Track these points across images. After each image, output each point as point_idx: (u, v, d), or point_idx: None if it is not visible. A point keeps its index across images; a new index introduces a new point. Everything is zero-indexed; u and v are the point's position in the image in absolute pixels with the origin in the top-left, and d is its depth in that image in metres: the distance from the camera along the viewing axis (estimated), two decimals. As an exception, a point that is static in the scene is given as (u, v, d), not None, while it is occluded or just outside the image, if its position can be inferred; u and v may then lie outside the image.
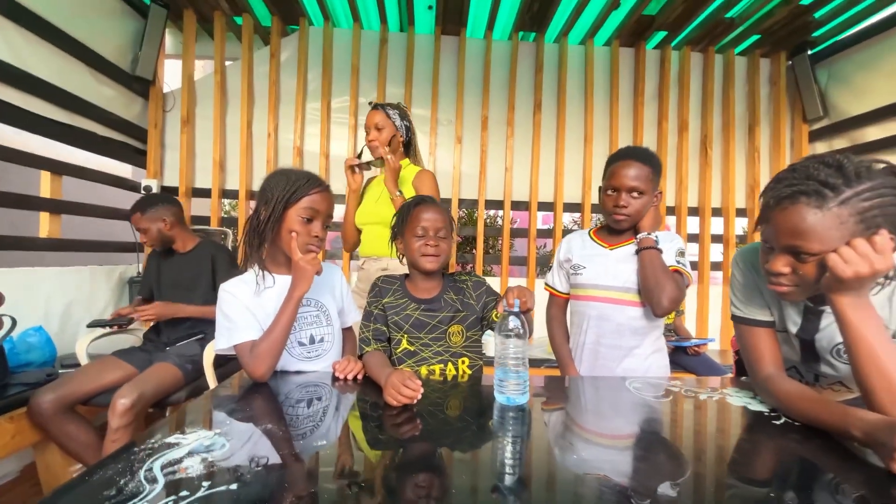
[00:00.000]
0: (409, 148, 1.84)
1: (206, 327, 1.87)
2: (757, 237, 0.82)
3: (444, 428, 0.78)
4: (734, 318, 0.92)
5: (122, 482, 0.52)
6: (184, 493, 0.50)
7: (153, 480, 0.53)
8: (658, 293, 1.10)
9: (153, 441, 0.63)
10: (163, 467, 0.56)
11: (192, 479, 0.53)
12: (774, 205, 0.69)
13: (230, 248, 2.39)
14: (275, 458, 0.61)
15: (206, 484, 0.52)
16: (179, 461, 0.57)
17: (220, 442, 0.64)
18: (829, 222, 0.65)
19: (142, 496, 0.49)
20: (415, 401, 0.83)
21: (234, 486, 0.52)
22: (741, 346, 0.91)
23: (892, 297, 0.74)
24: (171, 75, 2.90)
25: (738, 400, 0.90)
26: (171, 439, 0.64)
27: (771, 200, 0.70)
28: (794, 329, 0.86)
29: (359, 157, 1.79)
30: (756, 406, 0.86)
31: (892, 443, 0.57)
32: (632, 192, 1.14)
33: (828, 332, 0.82)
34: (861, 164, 0.65)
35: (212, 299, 1.71)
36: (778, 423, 0.78)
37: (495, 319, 1.12)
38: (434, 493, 0.54)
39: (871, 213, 0.63)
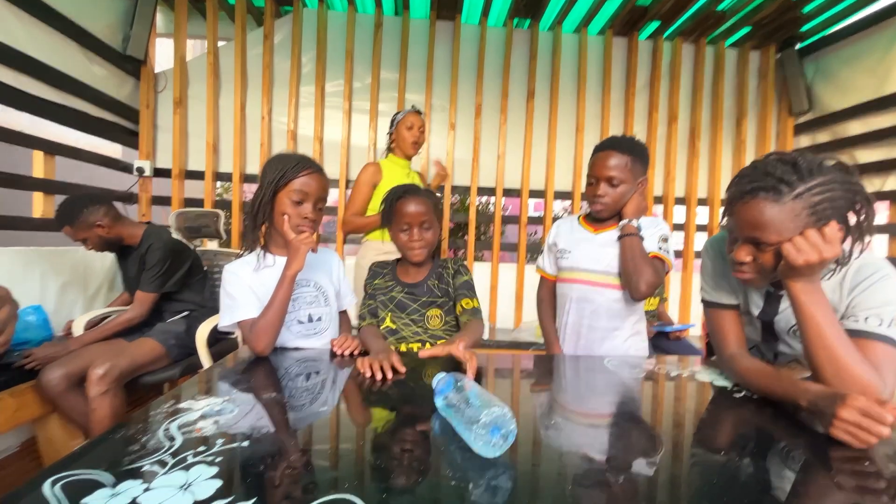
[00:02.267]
0: None
1: (191, 305, 1.93)
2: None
3: (430, 399, 0.84)
4: (704, 301, 1.00)
5: (143, 439, 0.58)
6: (201, 448, 0.56)
7: (172, 438, 0.58)
8: (636, 278, 1.16)
9: (167, 406, 0.69)
10: (179, 427, 0.62)
11: (207, 437, 0.59)
12: (737, 199, 0.76)
13: (221, 230, 2.42)
14: (280, 422, 0.67)
15: (220, 441, 0.58)
16: (194, 423, 0.63)
17: (228, 408, 0.70)
18: (784, 215, 0.71)
19: (163, 450, 0.55)
20: (378, 378, 0.88)
21: (245, 444, 0.58)
22: (709, 327, 0.99)
23: (843, 282, 0.81)
24: (162, 55, 2.87)
25: (705, 377, 0.97)
26: (183, 405, 0.70)
27: (734, 195, 0.77)
28: (756, 312, 0.94)
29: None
30: (720, 382, 0.94)
31: (831, 410, 0.65)
32: (609, 182, 1.19)
33: (786, 314, 0.89)
34: (814, 161, 0.72)
35: (159, 287, 1.78)
36: (738, 396, 0.86)
37: (457, 312, 1.21)
38: (420, 455, 0.61)
39: (822, 206, 0.70)
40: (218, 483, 0.49)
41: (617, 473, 0.56)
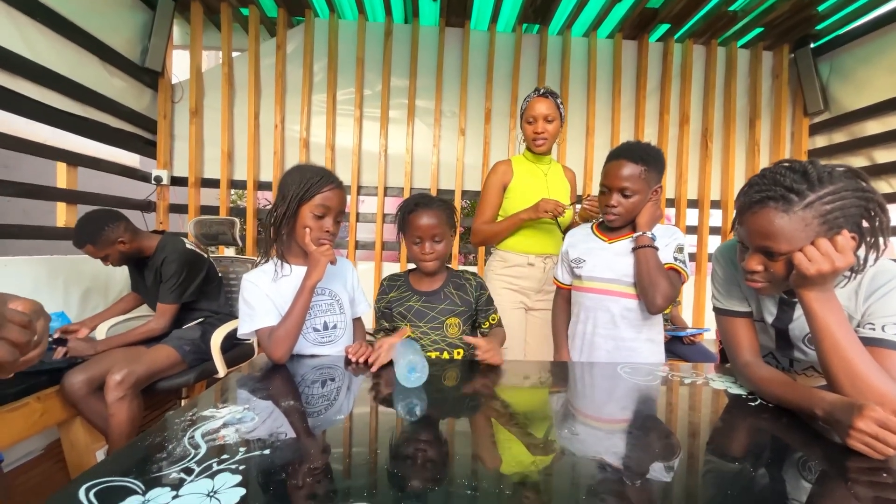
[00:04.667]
0: None
1: (206, 313, 1.97)
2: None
3: (445, 406, 0.86)
4: (716, 309, 0.99)
5: (170, 447, 0.60)
6: (224, 456, 0.58)
7: (196, 446, 0.61)
8: (652, 291, 1.14)
9: (191, 414, 0.71)
10: (203, 435, 0.64)
11: (231, 445, 0.61)
12: (747, 209, 0.76)
13: (237, 237, 2.46)
14: (299, 430, 0.69)
15: (242, 449, 0.60)
16: (217, 431, 0.66)
17: (249, 416, 0.72)
18: (795, 225, 0.71)
19: (189, 458, 0.57)
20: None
21: (266, 452, 0.60)
22: (722, 335, 0.98)
23: (858, 290, 0.80)
24: (179, 66, 2.94)
25: (719, 384, 0.97)
26: (206, 413, 0.72)
27: (744, 204, 0.76)
28: (770, 319, 0.93)
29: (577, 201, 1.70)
30: (735, 390, 0.93)
31: (848, 421, 0.65)
32: (622, 192, 1.17)
33: (800, 322, 0.88)
34: (824, 169, 0.71)
35: (178, 298, 1.82)
36: (753, 404, 0.85)
37: (485, 328, 1.29)
38: (435, 460, 0.62)
39: (833, 215, 0.70)
40: (242, 491, 0.51)
41: (631, 482, 0.56)
